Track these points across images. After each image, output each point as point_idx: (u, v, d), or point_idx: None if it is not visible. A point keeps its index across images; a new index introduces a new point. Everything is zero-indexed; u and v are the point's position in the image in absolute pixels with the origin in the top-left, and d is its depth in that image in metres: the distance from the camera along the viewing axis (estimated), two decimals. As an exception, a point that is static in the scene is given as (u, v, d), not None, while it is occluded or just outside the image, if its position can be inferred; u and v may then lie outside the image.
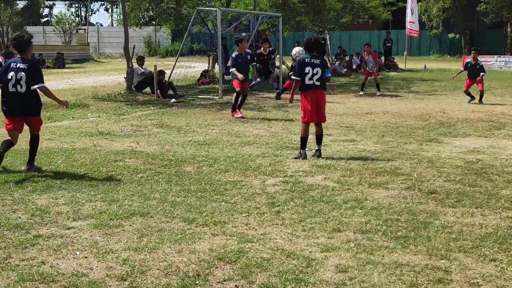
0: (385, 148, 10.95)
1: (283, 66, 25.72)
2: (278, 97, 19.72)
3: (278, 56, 26.48)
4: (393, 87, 24.32)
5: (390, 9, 39.44)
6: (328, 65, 11.50)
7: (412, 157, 10.09)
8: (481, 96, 18.30)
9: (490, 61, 36.61)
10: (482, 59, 35.07)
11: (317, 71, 9.98)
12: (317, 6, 32.78)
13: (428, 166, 9.35)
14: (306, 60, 10.08)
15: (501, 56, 39.92)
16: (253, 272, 5.17)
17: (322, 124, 10.34)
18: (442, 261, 5.36)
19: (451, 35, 51.61)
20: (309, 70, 9.99)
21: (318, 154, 10.09)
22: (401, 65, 36.13)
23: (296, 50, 19.79)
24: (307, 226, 6.39)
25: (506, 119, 14.82)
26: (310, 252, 5.64)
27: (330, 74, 10.29)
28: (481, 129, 13.25)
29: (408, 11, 36.74)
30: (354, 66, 33.64)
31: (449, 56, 50.74)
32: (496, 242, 5.83)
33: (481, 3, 47.83)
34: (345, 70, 32.01)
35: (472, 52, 19.49)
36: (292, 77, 11.20)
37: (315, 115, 10.08)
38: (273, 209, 7.06)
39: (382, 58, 35.86)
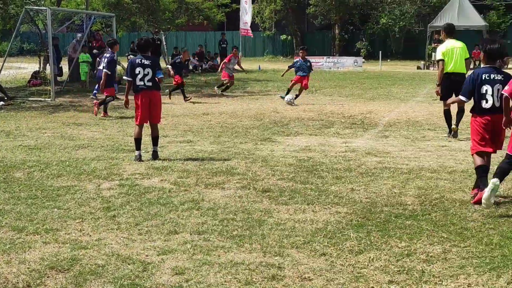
0: (221, 148, 11.10)
1: (118, 67, 25.28)
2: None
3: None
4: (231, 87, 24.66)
5: (224, 11, 40.08)
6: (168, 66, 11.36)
7: (247, 156, 10.31)
8: (299, 93, 18.98)
9: (319, 62, 38.21)
10: (312, 59, 36.43)
11: (148, 72, 9.86)
12: (152, 7, 32.57)
13: (263, 165, 9.59)
14: (137, 61, 9.95)
15: (330, 57, 41.83)
16: (87, 279, 5.03)
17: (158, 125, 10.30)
18: (276, 258, 5.52)
19: (283, 37, 53.32)
20: (139, 71, 9.88)
21: (154, 155, 10.03)
22: (236, 66, 36.69)
23: (288, 98, 18.91)
24: (144, 230, 6.33)
25: (335, 118, 15.52)
26: (147, 255, 5.58)
27: (162, 75, 10.12)
28: (312, 128, 13.79)
29: (242, 13, 37.48)
30: (190, 67, 33.76)
31: (282, 57, 52.39)
32: (326, 237, 6.09)
33: (311, 6, 49.89)
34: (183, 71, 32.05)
35: (300, 51, 20.22)
36: (124, 77, 11.02)
37: (148, 116, 9.98)
38: (109, 213, 6.92)
39: (218, 59, 36.34)
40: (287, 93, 19.01)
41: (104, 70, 15.68)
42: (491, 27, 44.09)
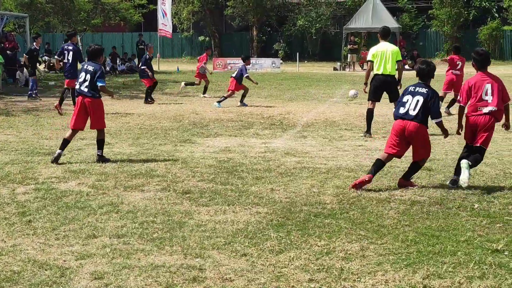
0: (140, 150, 10.98)
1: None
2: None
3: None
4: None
5: (141, 11, 39.66)
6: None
7: (167, 158, 10.23)
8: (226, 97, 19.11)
9: (238, 63, 38.27)
10: (230, 61, 36.52)
11: (88, 78, 9.83)
12: (66, 7, 31.90)
13: (183, 166, 9.55)
14: (85, 66, 10.10)
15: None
16: (2, 287, 4.87)
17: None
18: (197, 260, 5.50)
19: (201, 38, 53.18)
20: (82, 76, 9.95)
21: (98, 159, 9.90)
22: (154, 67, 36.41)
23: (352, 93, 19.34)
24: (61, 234, 6.19)
25: (254, 118, 15.61)
26: (64, 261, 5.46)
27: (103, 84, 9.90)
28: (232, 129, 13.83)
29: (160, 14, 37.20)
30: (107, 68, 33.21)
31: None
32: (247, 237, 6.11)
33: (228, 8, 50.02)
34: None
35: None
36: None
37: (81, 121, 9.97)
38: (24, 218, 6.73)
39: (136, 60, 35.92)
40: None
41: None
42: (404, 29, 45.38)
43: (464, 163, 7.89)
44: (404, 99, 8.18)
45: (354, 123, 14.54)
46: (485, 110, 8.11)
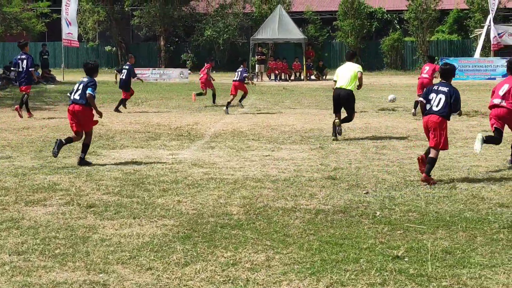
0: (43, 164, 10.68)
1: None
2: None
3: None
4: (52, 100, 23.89)
5: (44, 21, 38.68)
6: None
7: (71, 171, 10.00)
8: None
9: (145, 73, 37.99)
10: (138, 71, 36.25)
11: (81, 87, 10.80)
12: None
13: (87, 179, 9.36)
14: (80, 79, 11.06)
15: (156, 68, 41.75)
16: None
17: None
18: (101, 275, 5.39)
19: (107, 48, 52.41)
20: (75, 87, 10.96)
21: (79, 161, 10.65)
22: (59, 78, 35.68)
23: (391, 97, 19.99)
24: (-43, 254, 5.93)
25: (161, 129, 15.48)
26: (-40, 281, 5.23)
27: (92, 92, 10.73)
28: (139, 140, 13.67)
29: (64, 23, 36.39)
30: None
31: (106, 68, 51.45)
32: (153, 251, 6.04)
33: (135, 17, 49.55)
34: None
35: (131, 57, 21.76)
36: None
37: (78, 126, 10.83)
38: None
39: (40, 70, 34.99)
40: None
41: (30, 69, 18.02)
42: (309, 40, 46.23)
43: (479, 135, 9.92)
44: (430, 97, 9.38)
45: (262, 134, 14.67)
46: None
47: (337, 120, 13.72)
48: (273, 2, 49.48)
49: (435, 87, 9.51)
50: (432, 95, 9.39)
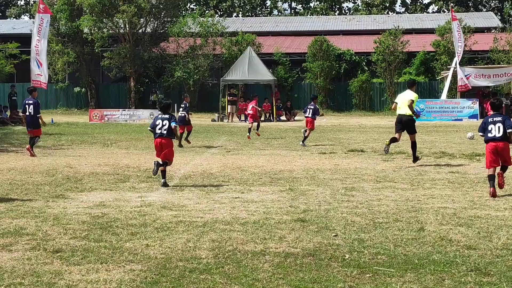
0: (9, 207, 10.53)
1: None
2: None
3: None
4: (19, 142, 23.66)
5: (13, 62, 38.52)
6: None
7: (38, 215, 9.87)
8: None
9: (115, 114, 37.97)
10: (107, 112, 36.11)
11: (166, 123, 13.35)
12: None
13: (54, 223, 9.24)
14: (159, 116, 13.54)
15: (126, 109, 41.72)
16: None
17: None
18: (66, 323, 5.29)
19: (77, 89, 52.27)
20: (159, 123, 13.40)
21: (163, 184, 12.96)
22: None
23: (469, 135, 23.43)
24: None
25: (130, 171, 15.40)
26: None
27: (175, 124, 13.50)
28: (107, 183, 13.56)
29: (34, 64, 36.23)
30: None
31: (76, 109, 51.25)
32: (120, 297, 5.97)
33: (105, 59, 49.61)
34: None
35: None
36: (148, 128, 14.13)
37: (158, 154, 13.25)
38: None
39: (8, 112, 34.71)
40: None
41: (38, 115, 19.31)
42: (279, 81, 46.66)
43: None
44: (489, 128, 11.70)
45: (231, 175, 14.66)
46: None
47: (387, 141, 16.86)
48: (243, 43, 49.99)
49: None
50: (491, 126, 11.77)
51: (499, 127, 11.57)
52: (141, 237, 8.41)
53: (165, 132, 13.34)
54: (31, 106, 19.38)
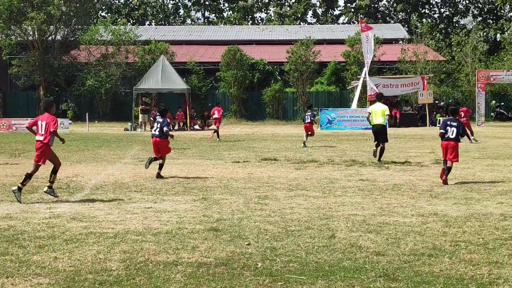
0: None
1: None
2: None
3: None
4: None
5: None
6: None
7: None
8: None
9: (24, 123, 36.86)
10: (14, 121, 35.19)
11: (158, 126, 16.10)
12: None
13: (-43, 237, 8.85)
14: (157, 119, 16.41)
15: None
16: None
17: None
18: None
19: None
20: (155, 125, 16.11)
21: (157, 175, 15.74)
22: None
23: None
24: None
25: (39, 182, 14.97)
26: None
27: (167, 128, 16.13)
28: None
29: None
30: None
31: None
32: (26, 312, 5.77)
33: (13, 66, 48.20)
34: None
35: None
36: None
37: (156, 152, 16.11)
38: None
39: None
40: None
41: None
42: (193, 90, 46.55)
43: None
44: (446, 129, 14.76)
45: (144, 185, 14.50)
46: None
47: (374, 149, 19.49)
48: (156, 52, 49.65)
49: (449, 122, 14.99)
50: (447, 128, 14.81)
51: (453, 130, 14.68)
52: (49, 250, 8.17)
53: (157, 132, 16.15)
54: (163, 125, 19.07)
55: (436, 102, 48.17)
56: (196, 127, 40.77)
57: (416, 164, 18.61)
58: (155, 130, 16.28)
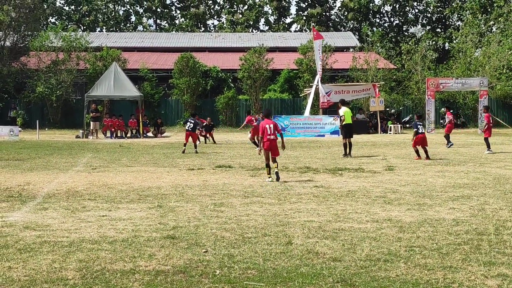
0: None
1: None
2: None
3: None
4: None
5: None
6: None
7: None
8: None
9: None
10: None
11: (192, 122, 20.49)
12: None
13: None
14: (189, 120, 20.47)
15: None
16: None
17: None
18: None
19: None
20: (188, 123, 20.12)
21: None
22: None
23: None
24: None
25: (-11, 191, 14.69)
26: None
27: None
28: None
29: None
30: None
31: None
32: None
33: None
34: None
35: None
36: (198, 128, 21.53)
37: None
38: None
39: None
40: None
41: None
42: (145, 97, 46.26)
43: None
44: (418, 127, 22.34)
45: (98, 193, 14.33)
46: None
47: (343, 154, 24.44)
48: (107, 59, 49.22)
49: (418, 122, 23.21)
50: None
51: (422, 127, 22.66)
52: (3, 259, 8.02)
53: (190, 129, 26.07)
54: (199, 126, 26.40)
55: (387, 109, 48.90)
56: (149, 134, 40.50)
57: (369, 171, 18.85)
58: (187, 127, 26.16)
